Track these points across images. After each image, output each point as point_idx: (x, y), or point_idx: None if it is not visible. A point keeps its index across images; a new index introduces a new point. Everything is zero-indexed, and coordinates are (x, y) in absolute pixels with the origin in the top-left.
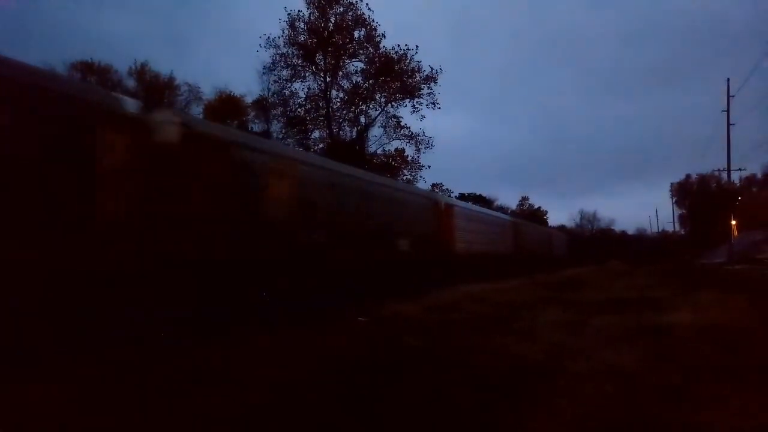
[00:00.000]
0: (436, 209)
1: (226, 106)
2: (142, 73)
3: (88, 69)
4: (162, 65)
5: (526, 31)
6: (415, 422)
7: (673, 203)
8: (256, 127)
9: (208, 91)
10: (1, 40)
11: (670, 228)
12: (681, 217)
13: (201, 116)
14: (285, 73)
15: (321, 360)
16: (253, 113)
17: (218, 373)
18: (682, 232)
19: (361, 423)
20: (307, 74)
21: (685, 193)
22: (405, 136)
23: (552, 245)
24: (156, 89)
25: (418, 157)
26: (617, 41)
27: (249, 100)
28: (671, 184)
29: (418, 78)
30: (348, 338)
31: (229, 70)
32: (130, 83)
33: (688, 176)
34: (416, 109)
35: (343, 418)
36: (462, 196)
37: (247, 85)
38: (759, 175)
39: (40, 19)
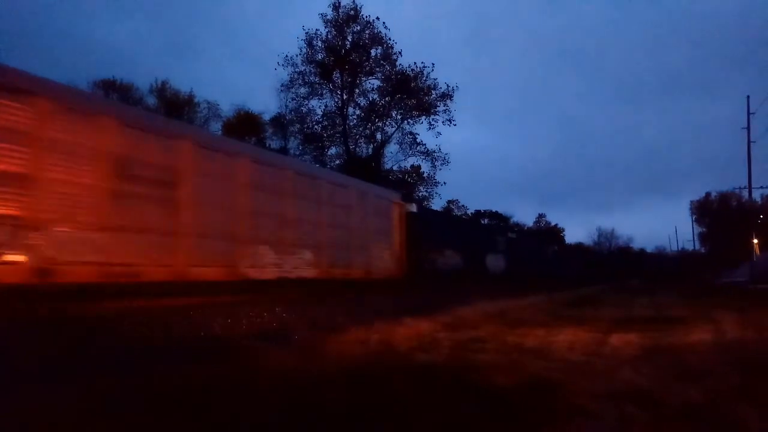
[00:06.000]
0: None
1: (245, 123)
2: (162, 90)
3: (110, 86)
4: (181, 82)
5: (544, 41)
6: None
7: (692, 221)
8: (274, 144)
9: (226, 109)
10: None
11: (690, 246)
12: (701, 236)
13: (220, 133)
14: (302, 90)
15: (323, 376)
16: (271, 130)
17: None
18: (703, 250)
19: None
20: (324, 92)
21: (705, 211)
22: (421, 152)
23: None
24: (176, 106)
25: (434, 173)
26: (639, 50)
27: (267, 117)
28: (691, 202)
29: (434, 95)
30: (353, 355)
31: (248, 88)
32: (151, 100)
33: (707, 194)
34: (432, 126)
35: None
36: (478, 213)
37: (265, 102)
38: None
39: (61, 36)
